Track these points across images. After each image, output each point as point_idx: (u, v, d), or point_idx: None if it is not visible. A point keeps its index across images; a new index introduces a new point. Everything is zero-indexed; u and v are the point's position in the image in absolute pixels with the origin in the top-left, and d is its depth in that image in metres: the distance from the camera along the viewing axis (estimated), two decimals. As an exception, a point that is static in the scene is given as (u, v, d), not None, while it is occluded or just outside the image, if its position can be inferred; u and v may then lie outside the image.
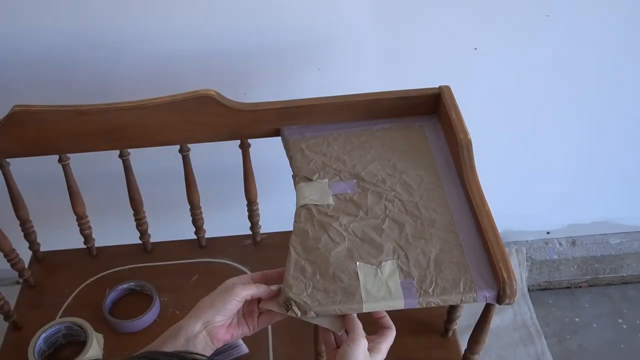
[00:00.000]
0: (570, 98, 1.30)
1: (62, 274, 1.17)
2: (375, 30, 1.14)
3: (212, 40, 1.12)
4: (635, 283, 1.74)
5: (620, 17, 1.16)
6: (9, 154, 0.99)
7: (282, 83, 1.19)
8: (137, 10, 1.06)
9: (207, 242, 1.21)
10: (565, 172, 1.49)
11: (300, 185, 0.91)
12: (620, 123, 1.38)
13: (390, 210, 0.86)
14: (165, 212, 1.35)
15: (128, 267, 1.17)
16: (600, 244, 1.69)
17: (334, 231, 0.83)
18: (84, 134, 0.97)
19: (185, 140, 1.01)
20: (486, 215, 0.81)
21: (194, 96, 0.94)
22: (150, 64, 1.14)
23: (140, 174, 1.09)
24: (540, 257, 1.69)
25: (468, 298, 0.75)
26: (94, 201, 1.19)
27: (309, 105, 0.98)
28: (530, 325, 1.60)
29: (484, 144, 1.13)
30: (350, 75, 1.20)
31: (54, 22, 1.06)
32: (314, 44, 1.14)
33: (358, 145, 0.97)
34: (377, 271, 0.77)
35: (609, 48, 1.21)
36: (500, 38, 1.17)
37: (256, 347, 1.03)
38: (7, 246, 1.07)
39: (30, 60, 1.11)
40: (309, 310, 0.74)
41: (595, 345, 1.60)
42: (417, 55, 1.19)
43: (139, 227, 1.16)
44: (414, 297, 0.75)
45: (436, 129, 1.00)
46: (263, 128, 1.00)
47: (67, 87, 1.16)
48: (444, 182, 0.90)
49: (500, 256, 0.76)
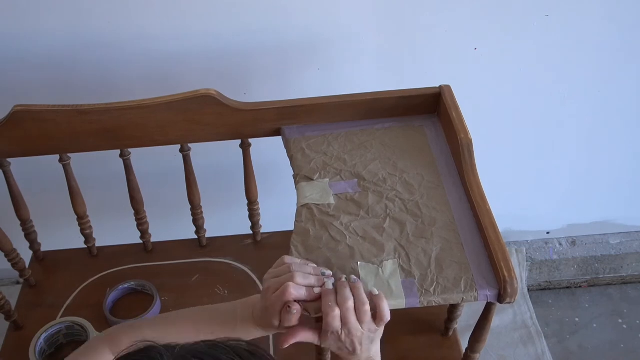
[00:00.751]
0: (570, 98, 1.30)
1: (63, 274, 1.17)
2: (376, 30, 1.14)
3: (212, 40, 1.12)
4: (635, 283, 1.75)
5: (620, 17, 1.16)
6: (10, 154, 0.99)
7: (283, 82, 1.19)
8: (137, 10, 1.06)
9: (207, 242, 1.21)
10: (565, 172, 1.49)
11: (301, 184, 0.91)
12: (620, 123, 1.38)
13: (391, 209, 0.86)
14: (165, 211, 1.35)
15: (129, 267, 1.17)
16: (600, 244, 1.69)
17: (335, 230, 0.83)
18: (85, 134, 0.96)
19: (186, 140, 1.01)
20: (487, 214, 0.82)
21: (194, 96, 0.94)
22: (150, 64, 1.14)
23: (140, 174, 1.09)
24: (540, 257, 1.69)
25: (469, 297, 0.75)
26: (94, 201, 1.19)
27: (309, 104, 0.98)
28: (530, 325, 1.60)
29: (484, 144, 1.13)
30: (351, 74, 1.20)
31: (55, 22, 1.06)
32: (314, 44, 1.14)
33: (359, 144, 0.97)
34: (379, 270, 0.77)
35: (609, 48, 1.21)
36: (500, 38, 1.17)
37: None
38: (7, 246, 1.07)
39: (31, 60, 1.11)
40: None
41: (595, 345, 1.60)
42: (417, 55, 1.19)
43: (139, 226, 1.16)
44: (415, 296, 0.75)
45: (436, 128, 1.00)
46: (264, 127, 1.00)
47: (68, 87, 1.16)
48: (445, 182, 0.90)
49: (501, 255, 0.76)
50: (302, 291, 0.70)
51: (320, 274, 0.74)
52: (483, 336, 0.90)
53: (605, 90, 1.29)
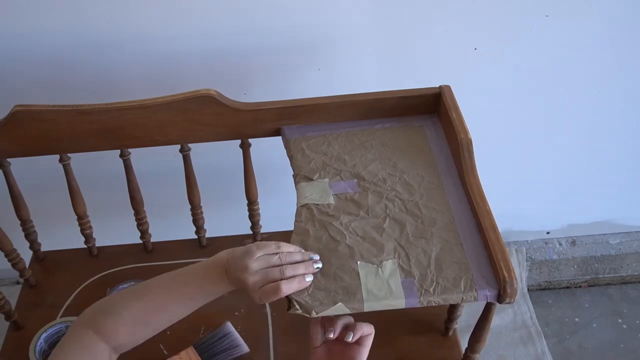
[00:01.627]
0: (570, 98, 1.30)
1: (63, 274, 1.17)
2: (376, 30, 1.14)
3: (212, 40, 1.12)
4: (635, 283, 1.75)
5: (620, 17, 1.16)
6: (10, 154, 0.99)
7: (283, 82, 1.19)
8: (138, 10, 1.06)
9: (207, 242, 1.21)
10: (566, 172, 1.49)
11: (301, 184, 0.91)
12: (620, 123, 1.38)
13: (391, 209, 0.86)
14: (165, 211, 1.35)
15: (129, 267, 1.17)
16: (600, 244, 1.69)
17: (334, 230, 0.83)
18: (85, 134, 0.97)
19: (186, 140, 1.02)
20: (487, 214, 0.82)
21: (194, 96, 0.94)
22: (150, 64, 1.14)
23: (140, 174, 1.09)
24: (540, 257, 1.69)
25: (469, 297, 0.75)
26: (94, 201, 1.19)
27: (309, 104, 0.98)
28: (530, 325, 1.60)
29: (484, 144, 1.13)
30: (351, 74, 1.20)
31: (55, 22, 1.06)
32: (314, 44, 1.14)
33: (358, 144, 0.97)
34: (378, 270, 0.77)
35: (609, 48, 1.21)
36: (500, 38, 1.17)
37: (256, 347, 1.03)
38: (7, 246, 1.07)
39: (31, 60, 1.11)
40: (310, 310, 0.74)
41: (595, 345, 1.60)
42: (417, 55, 1.19)
43: (139, 226, 1.16)
44: (415, 296, 0.75)
45: (436, 128, 1.00)
46: (263, 127, 1.00)
47: (68, 87, 1.16)
48: (445, 182, 0.90)
49: (500, 255, 0.76)
50: (293, 285, 0.73)
51: (308, 258, 0.78)
52: (483, 336, 0.90)
53: (605, 90, 1.29)
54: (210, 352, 1.01)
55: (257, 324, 1.07)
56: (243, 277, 0.73)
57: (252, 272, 0.73)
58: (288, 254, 0.76)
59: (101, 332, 0.75)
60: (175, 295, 0.77)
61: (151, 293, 0.77)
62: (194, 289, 0.77)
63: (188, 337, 1.03)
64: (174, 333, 1.00)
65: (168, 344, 1.03)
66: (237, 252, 0.76)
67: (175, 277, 0.78)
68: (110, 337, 0.75)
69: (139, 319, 0.76)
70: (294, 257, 0.77)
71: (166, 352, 1.02)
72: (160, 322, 0.77)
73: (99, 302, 0.78)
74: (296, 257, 0.77)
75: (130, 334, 0.76)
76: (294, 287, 0.74)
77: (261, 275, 0.73)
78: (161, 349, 1.03)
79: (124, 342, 0.76)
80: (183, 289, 0.77)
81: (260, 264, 0.74)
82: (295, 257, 0.77)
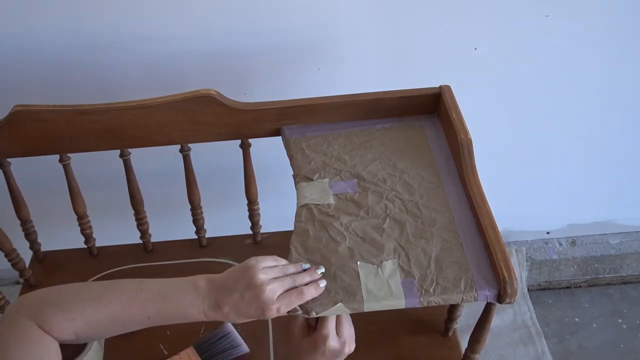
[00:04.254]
0: (570, 98, 1.30)
1: (63, 274, 1.17)
2: (376, 30, 1.14)
3: (212, 40, 1.12)
4: (635, 283, 1.75)
5: (620, 16, 1.16)
6: (10, 154, 0.99)
7: (283, 83, 1.19)
8: (137, 10, 1.06)
9: (207, 242, 1.21)
10: (566, 172, 1.49)
11: (300, 184, 0.91)
12: (621, 123, 1.38)
13: (391, 209, 0.86)
14: (165, 211, 1.35)
15: (129, 267, 1.17)
16: (600, 244, 1.69)
17: (334, 231, 0.83)
18: (85, 134, 0.97)
19: (186, 140, 1.02)
20: (487, 214, 0.82)
21: (194, 96, 0.94)
22: (150, 64, 1.14)
23: (140, 174, 1.09)
24: (540, 257, 1.69)
25: (469, 297, 0.75)
26: (94, 201, 1.19)
27: (309, 104, 0.98)
28: (530, 325, 1.60)
29: (484, 144, 1.13)
30: (351, 74, 1.20)
31: (55, 22, 1.06)
32: (314, 44, 1.14)
33: (358, 144, 0.97)
34: (378, 270, 0.77)
35: (609, 48, 1.21)
36: (500, 38, 1.17)
37: (256, 347, 1.03)
38: (7, 246, 1.08)
39: (31, 60, 1.11)
40: (310, 310, 0.74)
41: (595, 345, 1.60)
42: (417, 55, 1.19)
43: (139, 226, 1.16)
44: (415, 296, 0.75)
45: (436, 128, 1.00)
46: (263, 127, 1.00)
47: (68, 87, 1.16)
48: (445, 182, 0.90)
49: (500, 255, 0.76)
50: (312, 290, 0.74)
51: (300, 269, 0.77)
52: (483, 336, 0.90)
53: (605, 90, 1.29)
54: (210, 352, 1.01)
55: (257, 324, 1.07)
56: (253, 294, 0.70)
57: (267, 283, 0.71)
58: (285, 266, 0.76)
59: (47, 327, 0.69)
60: (134, 310, 0.72)
61: (110, 301, 0.72)
62: (157, 309, 0.72)
63: (188, 337, 1.03)
64: (174, 333, 1.00)
65: (168, 344, 1.03)
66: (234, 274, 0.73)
67: (140, 289, 0.73)
68: (57, 334, 0.70)
69: (91, 325, 0.71)
70: (289, 269, 0.76)
71: (166, 352, 1.02)
72: (112, 332, 0.73)
73: (44, 292, 0.73)
74: (290, 269, 0.76)
75: (76, 336, 0.71)
76: (312, 292, 0.73)
77: (277, 284, 0.72)
78: (161, 349, 1.03)
79: (67, 340, 0.71)
80: (145, 305, 0.72)
81: (269, 274, 0.72)
82: (290, 269, 0.76)
